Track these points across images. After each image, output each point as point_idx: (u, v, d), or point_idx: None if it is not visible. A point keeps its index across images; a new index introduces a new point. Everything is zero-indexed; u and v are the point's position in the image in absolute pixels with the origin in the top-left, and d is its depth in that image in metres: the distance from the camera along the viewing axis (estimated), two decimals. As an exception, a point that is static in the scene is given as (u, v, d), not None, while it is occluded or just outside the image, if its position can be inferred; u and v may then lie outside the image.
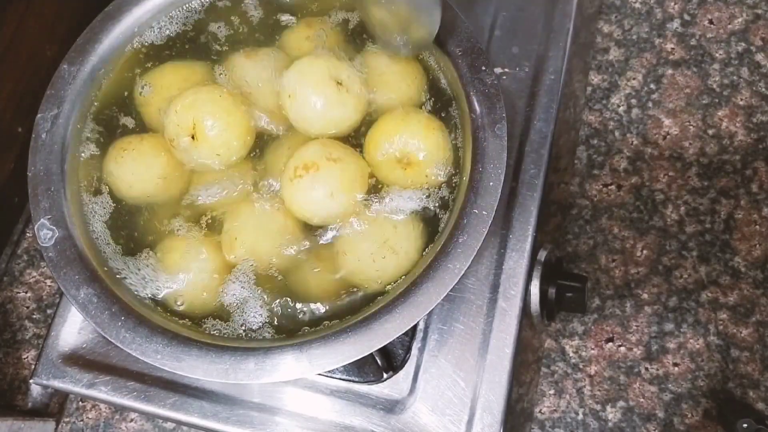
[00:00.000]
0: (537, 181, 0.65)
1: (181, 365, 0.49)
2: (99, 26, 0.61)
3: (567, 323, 0.84)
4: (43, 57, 0.85)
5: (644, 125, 0.91)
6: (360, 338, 0.49)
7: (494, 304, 0.62)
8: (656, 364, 0.82)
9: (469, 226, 0.51)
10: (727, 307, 0.83)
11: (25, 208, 0.92)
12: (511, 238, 0.64)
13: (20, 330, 0.88)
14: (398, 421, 0.60)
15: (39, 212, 0.54)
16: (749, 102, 0.91)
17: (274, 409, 0.63)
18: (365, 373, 0.62)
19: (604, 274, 0.85)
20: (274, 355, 0.49)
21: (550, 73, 0.69)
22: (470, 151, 0.54)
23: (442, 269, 0.50)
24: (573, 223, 0.88)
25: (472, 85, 0.56)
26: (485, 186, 0.52)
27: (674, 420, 0.80)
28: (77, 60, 0.60)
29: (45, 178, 0.56)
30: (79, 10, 0.88)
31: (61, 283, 0.52)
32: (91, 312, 0.51)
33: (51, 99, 0.58)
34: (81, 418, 0.85)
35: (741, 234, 0.86)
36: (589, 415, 0.81)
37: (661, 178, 0.88)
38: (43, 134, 0.57)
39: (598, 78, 0.94)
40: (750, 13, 0.95)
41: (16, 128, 0.86)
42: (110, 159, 0.58)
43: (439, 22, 0.52)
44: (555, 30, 0.71)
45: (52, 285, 0.90)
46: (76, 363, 0.65)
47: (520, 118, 0.68)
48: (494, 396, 0.60)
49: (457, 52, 0.57)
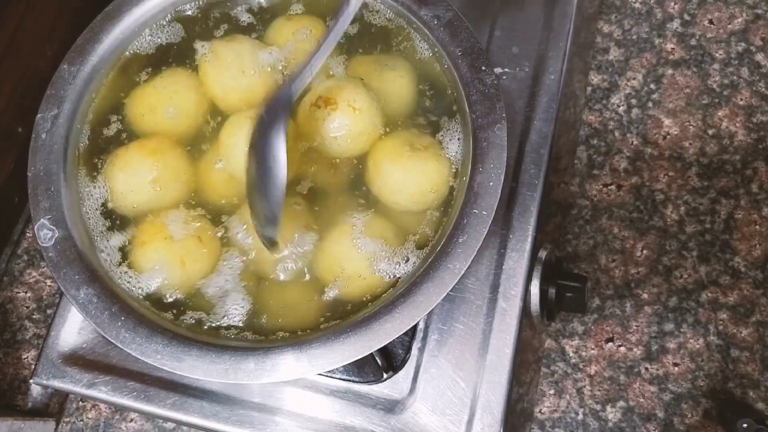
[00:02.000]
0: (537, 181, 0.65)
1: (181, 365, 0.49)
2: (99, 26, 0.61)
3: (567, 323, 0.84)
4: (43, 57, 0.85)
5: (644, 125, 0.91)
6: (360, 338, 0.49)
7: (494, 304, 0.62)
8: (656, 364, 0.82)
9: (469, 226, 0.51)
10: (727, 307, 0.83)
11: (25, 208, 0.92)
12: (511, 238, 0.64)
13: (20, 330, 0.88)
14: (398, 421, 0.60)
15: (39, 212, 0.54)
16: (749, 102, 0.91)
17: (274, 409, 0.63)
18: (365, 373, 0.62)
19: (604, 274, 0.85)
20: (273, 355, 0.49)
21: (550, 73, 0.69)
22: (470, 151, 0.54)
23: (442, 269, 0.50)
24: (573, 223, 0.88)
25: (472, 86, 0.56)
26: (485, 186, 0.52)
27: (674, 420, 0.80)
28: (77, 60, 0.60)
29: (45, 178, 0.56)
30: (79, 10, 0.88)
31: (61, 283, 0.52)
32: (91, 312, 0.51)
33: (51, 99, 0.58)
34: (81, 418, 0.85)
35: (741, 234, 0.86)
36: (589, 415, 0.81)
37: (661, 178, 0.88)
38: (43, 134, 0.57)
39: (598, 78, 0.94)
40: (750, 13, 0.95)
41: (16, 128, 0.86)
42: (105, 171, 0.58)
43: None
44: (555, 30, 0.71)
45: (52, 285, 0.90)
46: (76, 363, 0.65)
47: (520, 118, 0.68)
48: (494, 396, 0.60)
49: (456, 52, 0.57)
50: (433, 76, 0.60)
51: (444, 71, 0.59)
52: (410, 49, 0.61)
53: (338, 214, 0.56)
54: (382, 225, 0.55)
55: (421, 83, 0.60)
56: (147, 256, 0.54)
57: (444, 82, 0.59)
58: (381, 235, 0.54)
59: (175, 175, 0.57)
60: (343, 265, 0.53)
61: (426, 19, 0.59)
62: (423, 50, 0.60)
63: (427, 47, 0.60)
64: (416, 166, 0.55)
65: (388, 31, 0.62)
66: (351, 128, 0.55)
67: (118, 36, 0.61)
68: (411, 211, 0.56)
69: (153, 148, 0.57)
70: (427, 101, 0.60)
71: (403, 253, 0.54)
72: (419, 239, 0.55)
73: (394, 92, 0.59)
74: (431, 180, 0.55)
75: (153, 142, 0.58)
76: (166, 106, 0.58)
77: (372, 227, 0.55)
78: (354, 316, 0.51)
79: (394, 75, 0.60)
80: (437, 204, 0.56)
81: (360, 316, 0.50)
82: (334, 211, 0.57)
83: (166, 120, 0.59)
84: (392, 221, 0.56)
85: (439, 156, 0.56)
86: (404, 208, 0.56)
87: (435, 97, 0.59)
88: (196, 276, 0.55)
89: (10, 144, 0.86)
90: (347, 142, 0.56)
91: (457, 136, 0.57)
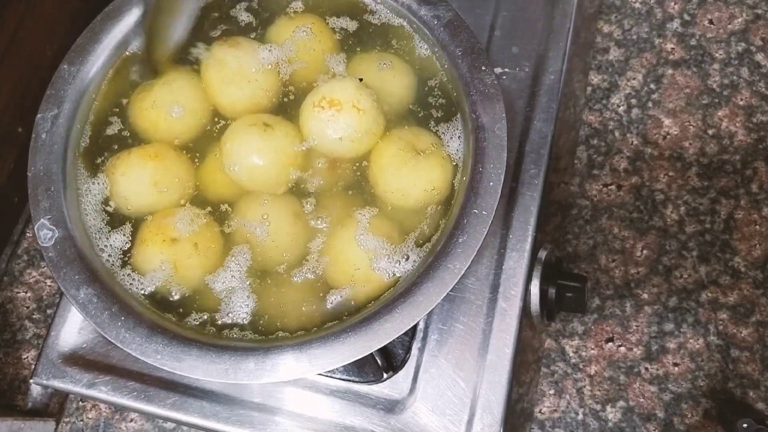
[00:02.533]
0: (537, 181, 0.65)
1: (181, 365, 0.49)
2: (99, 26, 0.61)
3: (567, 323, 0.84)
4: (43, 57, 0.85)
5: (644, 125, 0.91)
6: (360, 338, 0.49)
7: (494, 304, 0.62)
8: (656, 364, 0.82)
9: (469, 226, 0.51)
10: (727, 307, 0.83)
11: (25, 208, 0.92)
12: (511, 238, 0.64)
13: (20, 330, 0.88)
14: (398, 421, 0.60)
15: (39, 212, 0.54)
16: (749, 102, 0.91)
17: (274, 409, 0.63)
18: (365, 373, 0.62)
19: (604, 274, 0.85)
20: (273, 355, 0.49)
21: (550, 73, 0.69)
22: (470, 151, 0.54)
23: (442, 269, 0.50)
24: (573, 223, 0.88)
25: (472, 85, 0.56)
26: (485, 186, 0.52)
27: (674, 420, 0.80)
28: (77, 60, 0.60)
29: (45, 178, 0.56)
30: (79, 10, 0.88)
31: (61, 283, 0.52)
32: (91, 312, 0.51)
33: (51, 99, 0.58)
34: (81, 418, 0.85)
35: (741, 234, 0.86)
36: (589, 415, 0.81)
37: (661, 178, 0.88)
38: (43, 134, 0.57)
39: (598, 78, 0.94)
40: (750, 13, 0.95)
41: (16, 128, 0.86)
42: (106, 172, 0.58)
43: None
44: (555, 30, 0.71)
45: (52, 285, 0.90)
46: (76, 363, 0.65)
47: (520, 118, 0.68)
48: (494, 396, 0.60)
49: (457, 52, 0.57)
50: (433, 76, 0.60)
51: (444, 71, 0.59)
52: (410, 48, 0.61)
53: (343, 213, 0.56)
54: (385, 224, 0.55)
55: (421, 83, 0.60)
56: (149, 256, 0.54)
57: (444, 82, 0.59)
58: (384, 233, 0.54)
59: (176, 178, 0.57)
60: (352, 263, 0.54)
61: (426, 19, 0.59)
62: (423, 50, 0.60)
63: (426, 47, 0.60)
64: (421, 169, 0.55)
65: (388, 29, 0.62)
66: (356, 129, 0.55)
67: (117, 36, 0.61)
68: (413, 209, 0.56)
69: (154, 152, 0.57)
70: (428, 101, 0.60)
71: (403, 251, 0.54)
72: (418, 237, 0.55)
73: (394, 92, 0.59)
74: (434, 182, 0.56)
75: (154, 146, 0.58)
76: (171, 103, 0.58)
77: (376, 226, 0.55)
78: (354, 316, 0.51)
79: (393, 73, 0.60)
80: (438, 200, 0.56)
81: (360, 316, 0.50)
82: (339, 211, 0.57)
83: (170, 117, 0.59)
84: (395, 220, 0.56)
85: (442, 158, 0.56)
86: (407, 207, 0.56)
87: (435, 97, 0.59)
88: (198, 274, 0.55)
89: (10, 144, 0.86)
90: (351, 142, 0.56)
91: (458, 134, 0.57)
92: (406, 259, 0.54)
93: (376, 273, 0.53)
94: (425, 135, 0.58)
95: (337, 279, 0.54)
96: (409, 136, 0.57)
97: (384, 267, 0.54)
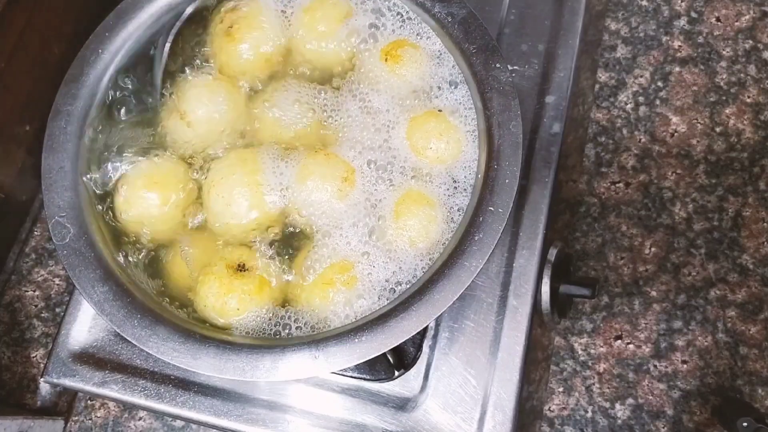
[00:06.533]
0: (547, 179, 0.65)
1: (197, 363, 0.49)
2: (112, 24, 0.61)
3: (576, 321, 0.84)
4: (51, 56, 0.85)
5: (652, 123, 0.91)
6: (376, 336, 0.49)
7: (505, 301, 0.62)
8: (665, 362, 0.82)
9: (485, 224, 0.51)
10: (735, 305, 0.83)
11: (32, 207, 0.92)
12: (521, 236, 0.64)
13: (29, 329, 0.88)
14: (409, 419, 0.60)
15: (53, 210, 0.54)
16: (756, 99, 0.91)
17: (285, 407, 0.63)
18: (377, 371, 0.62)
19: (613, 272, 0.85)
20: (290, 353, 0.49)
21: (559, 71, 0.69)
22: (485, 148, 0.54)
23: (458, 267, 0.50)
24: (581, 220, 0.88)
25: (486, 83, 0.56)
26: (500, 184, 0.52)
27: (683, 417, 0.80)
28: (91, 58, 0.59)
29: (59, 175, 0.55)
30: (87, 9, 0.87)
31: (77, 281, 0.52)
32: (107, 310, 0.51)
33: (65, 96, 0.58)
34: (90, 417, 0.85)
35: (749, 231, 0.86)
36: (598, 413, 0.81)
37: (669, 176, 0.88)
38: (56, 132, 0.57)
39: (605, 76, 0.94)
40: (757, 11, 0.95)
41: (24, 126, 0.86)
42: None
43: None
44: (564, 28, 0.71)
45: (60, 283, 0.90)
46: (87, 361, 0.65)
47: (529, 116, 0.68)
48: (506, 394, 0.60)
49: (471, 49, 0.57)
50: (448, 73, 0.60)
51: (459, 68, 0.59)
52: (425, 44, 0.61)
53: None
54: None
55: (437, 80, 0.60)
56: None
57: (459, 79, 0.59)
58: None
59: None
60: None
61: (440, 17, 0.59)
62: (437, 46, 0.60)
63: (441, 43, 0.60)
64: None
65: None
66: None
67: (131, 32, 0.61)
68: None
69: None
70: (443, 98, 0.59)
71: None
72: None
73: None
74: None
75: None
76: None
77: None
78: (370, 314, 0.51)
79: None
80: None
81: (376, 314, 0.50)
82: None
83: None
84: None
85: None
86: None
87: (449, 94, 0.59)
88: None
89: (18, 142, 0.86)
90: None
91: (473, 131, 0.57)
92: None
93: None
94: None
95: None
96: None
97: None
